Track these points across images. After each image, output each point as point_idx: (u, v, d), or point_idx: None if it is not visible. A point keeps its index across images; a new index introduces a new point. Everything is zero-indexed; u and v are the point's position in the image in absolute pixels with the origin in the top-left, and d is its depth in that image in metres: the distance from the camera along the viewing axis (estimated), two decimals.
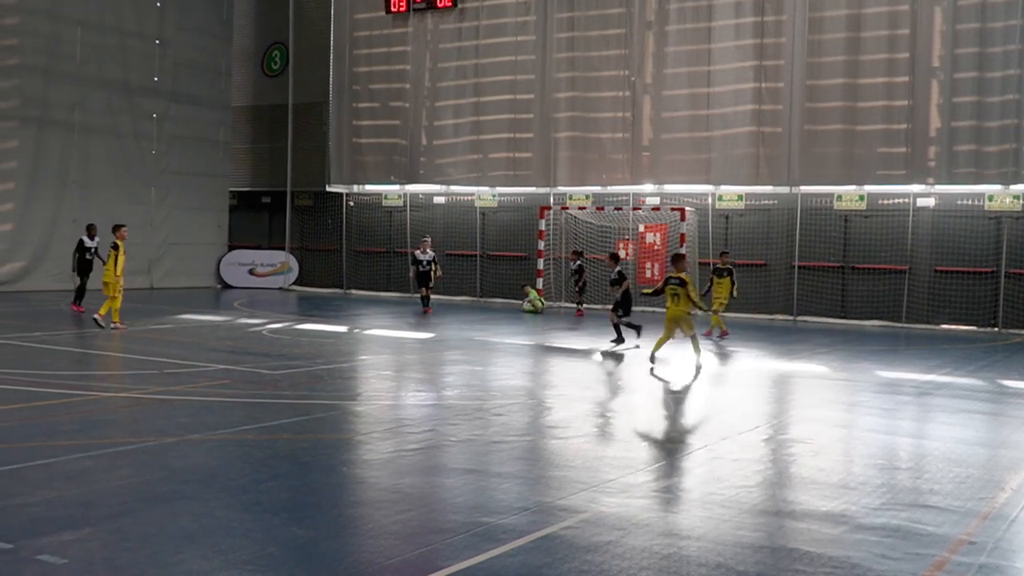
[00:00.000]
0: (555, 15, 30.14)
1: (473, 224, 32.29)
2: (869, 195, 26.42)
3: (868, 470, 9.10)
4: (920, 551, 6.62)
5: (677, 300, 15.80)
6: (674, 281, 15.91)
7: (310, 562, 6.13)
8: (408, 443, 9.92)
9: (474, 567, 6.10)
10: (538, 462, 9.28)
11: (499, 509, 7.44)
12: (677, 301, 15.80)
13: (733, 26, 27.54)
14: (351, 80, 34.23)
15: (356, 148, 34.21)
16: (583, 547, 6.56)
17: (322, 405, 11.73)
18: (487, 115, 31.58)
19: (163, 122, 32.78)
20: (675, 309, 15.87)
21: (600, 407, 12.60)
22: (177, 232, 33.19)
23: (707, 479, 8.61)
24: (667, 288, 15.96)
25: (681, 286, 15.77)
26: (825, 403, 13.24)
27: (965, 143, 24.92)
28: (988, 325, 24.89)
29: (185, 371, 14.32)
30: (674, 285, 15.84)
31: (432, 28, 32.62)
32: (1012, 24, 24.19)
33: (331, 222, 35.39)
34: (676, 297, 15.78)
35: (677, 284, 15.83)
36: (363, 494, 8.03)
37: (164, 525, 6.80)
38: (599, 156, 29.71)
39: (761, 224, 27.84)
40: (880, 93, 25.79)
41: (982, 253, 25.06)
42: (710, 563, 6.28)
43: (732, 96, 27.57)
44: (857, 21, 26.05)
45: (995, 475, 8.97)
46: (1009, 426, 11.69)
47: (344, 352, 17.35)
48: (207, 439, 9.67)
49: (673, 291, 15.82)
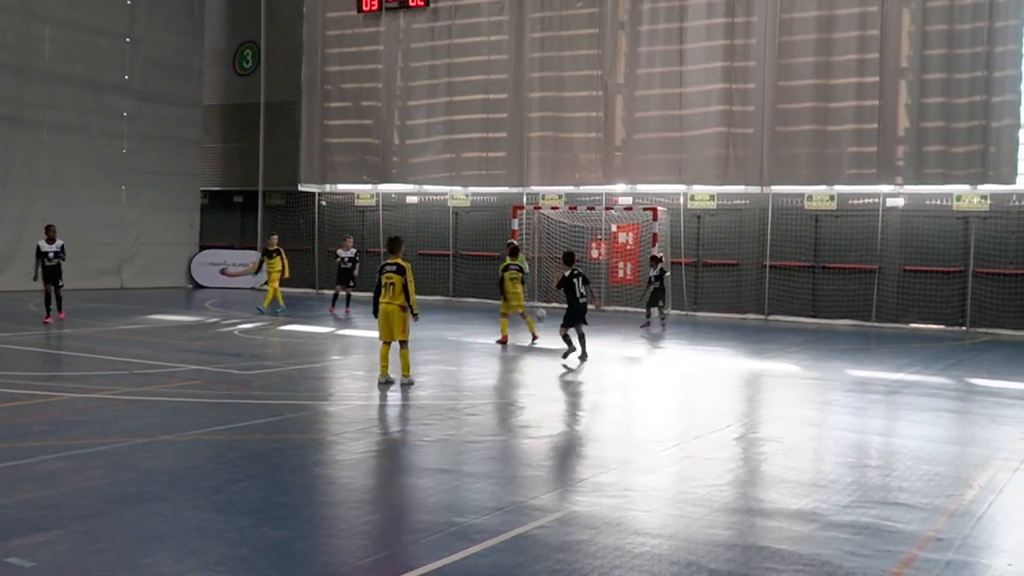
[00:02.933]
0: (528, 15, 30.15)
1: (446, 224, 32.25)
2: (839, 195, 26.61)
3: (838, 468, 9.18)
4: (889, 548, 6.68)
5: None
6: (390, 268, 13.44)
7: (282, 563, 6.11)
8: (380, 443, 9.90)
9: (447, 567, 6.10)
10: (510, 462, 9.29)
11: (472, 509, 7.44)
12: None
13: (705, 27, 27.65)
14: (323, 79, 34.10)
15: (328, 147, 34.08)
16: (555, 546, 6.57)
17: (294, 405, 11.68)
18: (460, 115, 31.55)
19: (134, 121, 32.53)
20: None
21: (572, 407, 12.63)
22: (148, 232, 32.94)
23: (679, 478, 8.65)
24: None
25: (398, 273, 13.33)
26: (796, 402, 13.33)
27: (933, 143, 25.15)
28: (956, 324, 25.13)
29: (155, 371, 14.22)
30: (391, 272, 13.39)
31: (404, 27, 32.56)
32: (979, 26, 24.42)
33: (303, 222, 35.23)
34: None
35: (394, 271, 13.37)
36: (335, 494, 8.01)
37: (134, 527, 6.75)
38: (572, 156, 29.75)
39: (733, 224, 27.98)
40: (850, 94, 25.97)
41: (950, 253, 25.30)
42: (682, 561, 6.31)
43: (704, 96, 27.69)
44: (827, 22, 26.22)
45: (963, 472, 9.07)
46: (976, 424, 11.82)
47: (316, 352, 17.29)
48: (178, 440, 9.61)
49: (388, 280, 13.39)
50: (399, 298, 13.19)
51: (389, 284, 13.24)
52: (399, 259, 13.47)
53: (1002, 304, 24.59)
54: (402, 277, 13.19)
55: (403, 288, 13.18)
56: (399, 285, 13.18)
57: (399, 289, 13.18)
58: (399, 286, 13.18)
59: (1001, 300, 24.60)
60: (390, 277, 13.26)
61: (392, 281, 13.22)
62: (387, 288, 13.26)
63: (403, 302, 13.22)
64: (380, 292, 13.35)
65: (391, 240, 14.01)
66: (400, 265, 13.30)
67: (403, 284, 13.19)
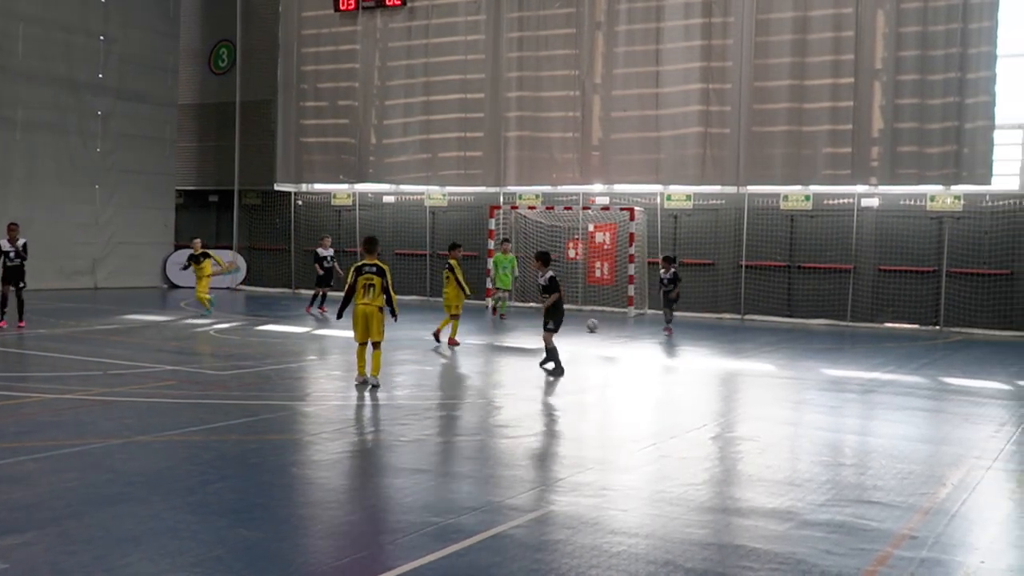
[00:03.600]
0: (505, 15, 30.16)
1: (423, 223, 32.22)
2: (814, 195, 26.77)
3: (814, 467, 9.24)
4: (864, 546, 6.73)
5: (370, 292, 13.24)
6: (370, 269, 13.19)
7: (259, 564, 6.09)
8: (358, 443, 9.88)
9: (424, 567, 6.10)
10: (488, 461, 9.30)
11: (449, 509, 7.44)
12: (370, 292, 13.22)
13: (682, 27, 27.74)
14: (299, 78, 33.98)
15: (304, 147, 33.97)
16: (533, 546, 6.59)
17: (271, 406, 11.64)
18: (437, 114, 31.52)
19: (109, 119, 32.31)
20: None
21: (550, 406, 12.65)
22: (122, 231, 32.73)
23: (656, 477, 8.69)
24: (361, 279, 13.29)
25: (379, 275, 13.14)
26: (772, 401, 13.41)
27: (907, 144, 25.34)
28: (930, 323, 25.34)
29: (131, 372, 14.13)
30: (371, 274, 13.14)
31: (381, 27, 32.49)
32: (952, 27, 24.63)
33: (280, 221, 35.12)
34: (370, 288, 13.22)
35: (374, 272, 13.15)
36: (312, 495, 7.99)
37: (109, 528, 6.72)
38: (549, 156, 29.78)
39: (709, 224, 28.09)
40: (825, 94, 26.13)
41: (924, 253, 25.51)
42: (659, 560, 6.34)
43: (681, 97, 27.79)
44: (803, 23, 26.37)
45: (936, 471, 9.15)
46: (950, 423, 11.92)
47: (293, 352, 17.23)
48: (153, 440, 9.56)
49: (368, 281, 13.12)
50: (379, 299, 13.04)
51: (369, 285, 13.03)
52: (376, 260, 13.33)
53: (975, 304, 24.82)
54: (382, 278, 13.06)
55: (383, 289, 13.05)
56: (379, 286, 13.03)
57: (379, 290, 13.03)
58: (379, 287, 13.03)
59: (974, 300, 24.83)
60: (370, 278, 13.05)
61: (372, 282, 13.04)
62: (367, 290, 13.03)
63: (383, 303, 13.08)
64: (354, 293, 13.13)
65: (368, 240, 13.69)
66: (380, 266, 13.17)
67: (383, 285, 13.05)
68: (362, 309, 13.04)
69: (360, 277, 13.08)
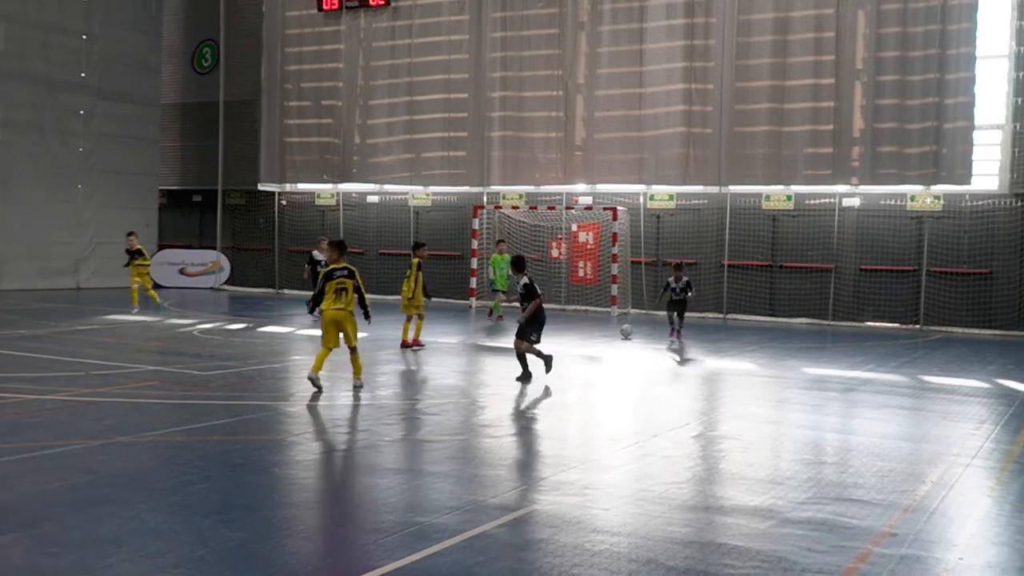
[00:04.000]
0: (489, 15, 30.18)
1: (407, 223, 32.21)
2: (796, 195, 26.89)
3: (795, 465, 9.29)
4: (845, 544, 6.78)
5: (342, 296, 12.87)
6: (341, 273, 12.87)
7: (241, 565, 6.09)
8: (341, 443, 9.88)
9: (407, 567, 6.11)
10: (471, 461, 9.31)
11: (432, 508, 7.46)
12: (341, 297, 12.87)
13: (664, 27, 27.82)
14: (283, 78, 33.92)
15: (288, 147, 33.91)
16: (516, 545, 6.61)
17: (253, 406, 11.62)
18: (421, 114, 31.52)
19: (90, 119, 32.16)
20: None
21: (532, 406, 12.67)
22: (105, 231, 32.55)
23: (638, 476, 8.72)
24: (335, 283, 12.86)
25: (350, 277, 12.87)
26: (754, 400, 13.47)
27: (888, 144, 25.49)
28: (910, 322, 25.50)
29: (113, 372, 14.08)
30: (342, 278, 12.83)
31: (365, 26, 32.46)
32: (932, 28, 24.79)
33: (263, 221, 35.05)
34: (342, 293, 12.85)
35: (346, 276, 12.86)
36: (295, 495, 7.99)
37: (90, 530, 6.70)
38: (532, 155, 29.82)
39: (691, 223, 28.19)
40: (806, 95, 26.26)
41: (905, 252, 25.67)
42: (641, 559, 6.37)
43: (663, 97, 27.87)
44: (784, 24, 26.48)
45: (916, 468, 9.22)
46: (930, 420, 12.01)
47: (276, 352, 17.20)
48: (135, 441, 9.54)
49: (340, 285, 12.80)
50: (352, 303, 12.82)
51: (341, 290, 12.72)
52: (345, 263, 13.01)
53: (955, 303, 25.00)
54: (354, 281, 12.80)
55: (355, 292, 12.80)
56: (351, 290, 12.77)
57: (351, 294, 12.77)
58: (350, 291, 12.77)
59: (954, 299, 25.01)
60: (342, 282, 12.74)
61: (345, 286, 12.73)
62: (339, 294, 12.71)
63: (353, 307, 12.85)
64: (323, 297, 12.80)
65: (336, 244, 13.28)
66: (351, 269, 12.89)
67: (355, 287, 12.80)
68: (333, 315, 12.72)
69: (331, 282, 12.75)
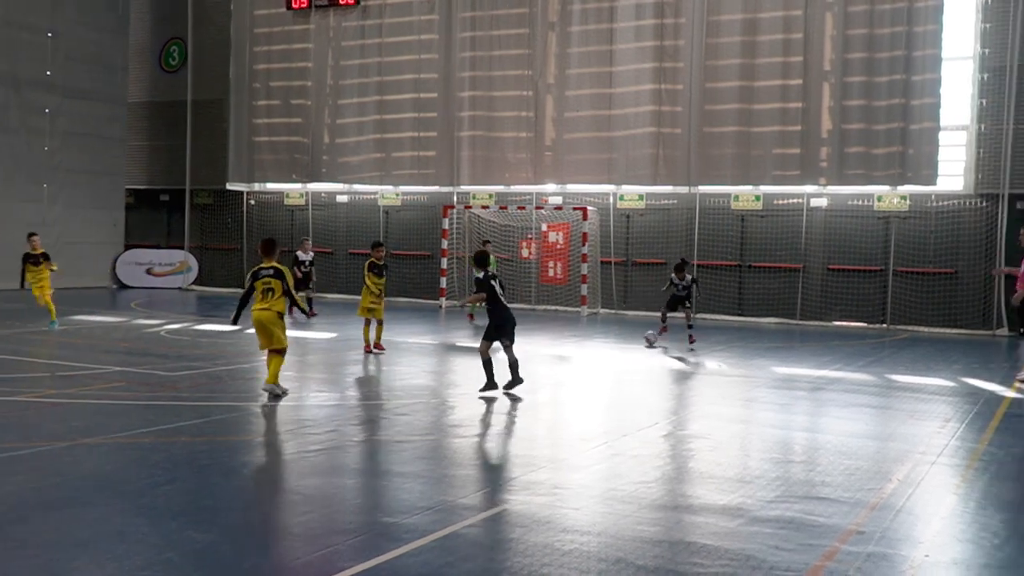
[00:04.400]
0: (459, 14, 30.16)
1: (376, 223, 32.12)
2: (764, 195, 27.07)
3: (763, 464, 9.35)
4: (812, 542, 6.83)
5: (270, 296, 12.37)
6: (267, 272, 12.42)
7: (209, 566, 6.05)
8: (310, 444, 9.83)
9: (376, 567, 6.09)
10: (441, 461, 9.30)
11: (402, 509, 7.44)
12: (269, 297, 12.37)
13: (634, 28, 27.92)
14: (251, 77, 33.73)
15: (257, 146, 33.72)
16: (485, 545, 6.61)
17: (222, 407, 11.55)
18: (390, 113, 31.45)
19: (56, 117, 31.83)
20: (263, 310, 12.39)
21: (502, 406, 12.66)
22: (71, 231, 32.21)
23: (608, 475, 8.74)
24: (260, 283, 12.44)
25: (277, 277, 12.40)
26: (722, 399, 13.54)
27: (855, 145, 25.71)
28: (877, 321, 25.73)
29: (79, 373, 13.94)
30: (268, 277, 12.38)
31: (334, 25, 32.35)
32: (898, 30, 25.03)
33: (232, 221, 34.83)
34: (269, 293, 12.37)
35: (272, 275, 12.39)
36: (264, 496, 7.95)
37: (57, 532, 6.63)
38: (502, 155, 29.83)
39: (661, 223, 28.29)
40: (775, 95, 26.44)
41: (872, 252, 25.90)
42: (610, 558, 6.38)
43: (633, 97, 27.96)
44: (753, 25, 26.65)
45: (883, 467, 9.30)
46: (896, 419, 12.11)
47: (245, 353, 17.10)
48: (102, 443, 9.45)
49: (266, 285, 12.38)
50: (279, 303, 12.31)
51: (268, 290, 12.29)
52: (275, 262, 12.49)
53: (921, 302, 25.25)
54: (282, 281, 12.31)
55: (284, 292, 12.32)
56: (279, 290, 12.30)
57: (279, 294, 12.30)
58: (279, 291, 12.30)
59: (920, 298, 25.26)
60: (268, 282, 12.29)
61: (271, 286, 12.29)
62: (265, 294, 12.29)
63: (282, 308, 12.35)
64: (248, 300, 12.45)
65: (266, 243, 12.63)
66: (278, 269, 12.39)
67: (284, 288, 12.31)
68: (259, 315, 12.27)
69: (257, 282, 12.36)
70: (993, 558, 6.65)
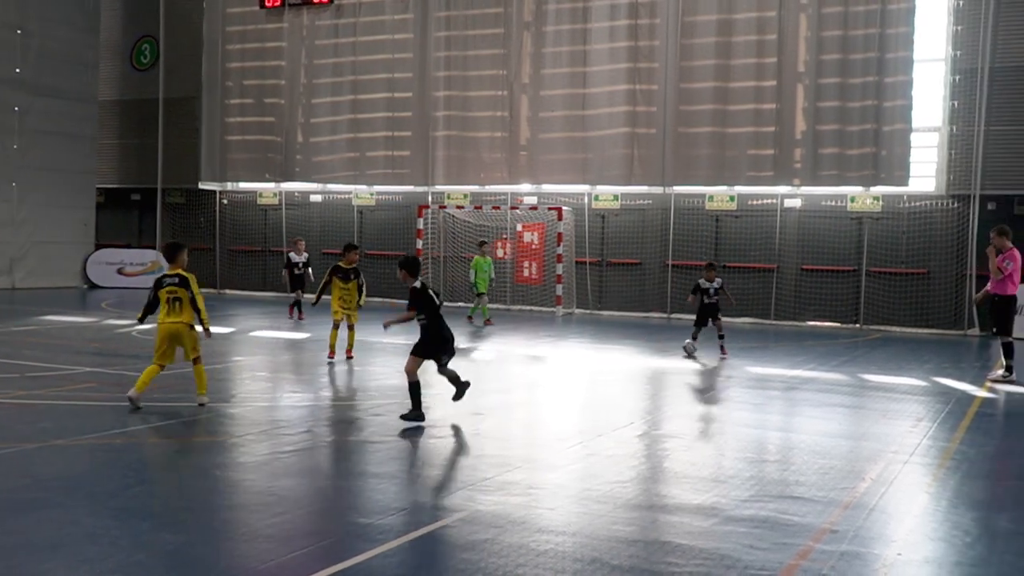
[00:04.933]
0: (433, 14, 30.10)
1: (351, 223, 32.01)
2: (739, 196, 27.18)
3: (738, 463, 9.37)
4: (786, 541, 6.85)
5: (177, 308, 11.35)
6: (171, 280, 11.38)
7: (181, 568, 5.99)
8: (283, 445, 9.77)
9: (350, 568, 6.05)
10: (415, 462, 9.27)
11: (376, 510, 7.40)
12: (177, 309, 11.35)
13: (608, 28, 27.97)
14: (224, 75, 33.53)
15: (229, 145, 33.52)
16: (460, 546, 6.58)
17: (193, 407, 11.45)
18: (365, 113, 31.35)
19: (25, 115, 31.49)
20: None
21: (477, 406, 12.64)
22: (41, 230, 31.92)
23: (583, 475, 8.74)
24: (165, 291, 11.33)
25: (182, 285, 11.35)
26: (697, 399, 13.57)
27: (828, 146, 25.87)
28: (850, 322, 25.90)
29: (49, 374, 13.80)
30: (173, 286, 11.34)
31: (308, 24, 32.21)
32: (871, 32, 25.20)
33: (204, 220, 34.61)
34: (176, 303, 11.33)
35: (177, 284, 11.35)
36: (237, 497, 7.89)
37: (26, 535, 6.55)
38: (477, 155, 29.81)
39: (636, 224, 28.36)
40: (749, 96, 26.55)
41: (845, 252, 26.07)
42: (585, 558, 6.37)
43: (608, 97, 28.01)
44: (727, 26, 26.75)
45: (856, 466, 9.34)
46: (869, 418, 12.18)
47: (217, 353, 16.97)
48: (72, 444, 9.35)
49: (172, 294, 11.31)
50: (187, 315, 11.28)
51: (174, 299, 11.22)
52: (180, 269, 11.42)
53: (893, 302, 25.44)
54: (187, 290, 11.25)
55: (191, 302, 11.26)
56: (186, 300, 11.25)
57: (186, 304, 11.25)
58: (186, 301, 11.25)
59: (892, 298, 25.45)
60: (173, 291, 11.25)
61: (177, 295, 11.24)
62: (172, 304, 11.23)
63: (191, 319, 11.32)
64: (153, 308, 11.40)
65: (168, 246, 11.63)
66: (183, 276, 11.30)
67: (190, 298, 11.26)
68: (168, 328, 11.29)
69: (161, 291, 11.33)
70: (965, 556, 6.69)
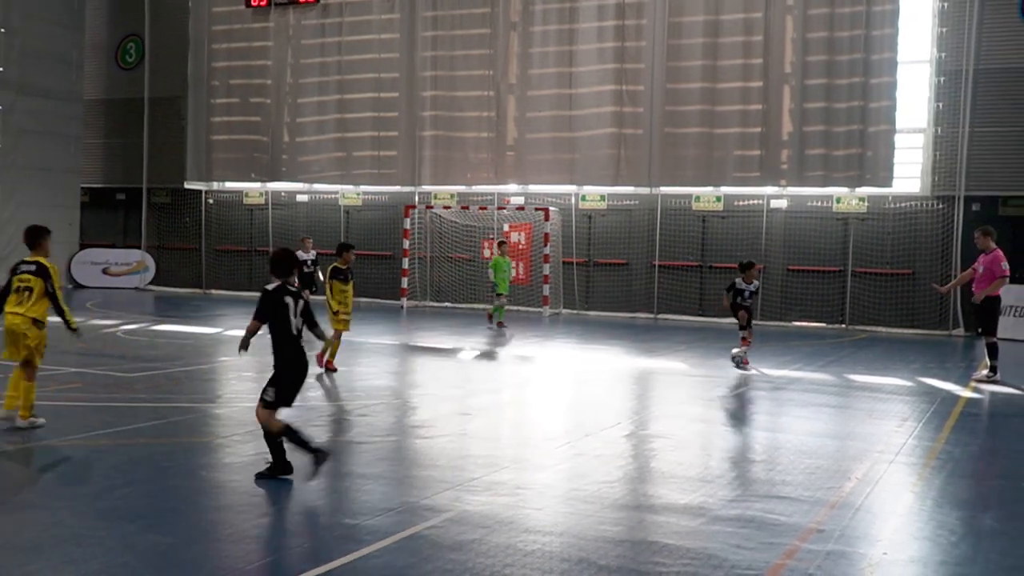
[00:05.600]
0: (420, 14, 30.06)
1: (337, 223, 31.94)
2: (725, 196, 27.24)
3: (724, 463, 9.40)
4: (773, 540, 6.86)
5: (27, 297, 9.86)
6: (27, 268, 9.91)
7: (167, 570, 5.97)
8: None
9: (337, 569, 6.04)
10: (402, 462, 9.26)
11: (363, 510, 7.39)
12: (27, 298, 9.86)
13: (596, 29, 27.99)
14: (210, 75, 33.40)
15: (215, 145, 33.40)
16: (447, 546, 6.57)
17: (180, 408, 11.42)
18: (351, 112, 31.29)
19: (9, 114, 31.30)
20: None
21: (465, 406, 12.64)
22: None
23: (570, 475, 8.74)
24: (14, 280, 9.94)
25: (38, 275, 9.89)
26: (684, 399, 13.60)
27: (815, 147, 25.94)
28: (836, 322, 25.99)
29: None
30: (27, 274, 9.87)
31: (294, 24, 32.13)
32: (857, 34, 25.29)
33: (190, 220, 34.48)
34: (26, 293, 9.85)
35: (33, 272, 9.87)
36: (223, 498, 7.86)
37: (11, 536, 6.52)
38: (464, 155, 29.78)
39: (623, 224, 28.39)
40: (736, 97, 26.61)
41: (831, 253, 26.15)
42: (573, 558, 6.38)
43: (595, 97, 28.02)
44: (714, 27, 26.80)
45: (842, 465, 9.37)
46: (855, 418, 12.23)
47: (203, 354, 16.93)
48: (57, 445, 9.30)
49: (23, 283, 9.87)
50: (35, 308, 9.78)
51: (24, 288, 9.77)
52: (41, 257, 9.96)
53: (879, 302, 25.54)
54: (43, 280, 9.80)
55: (44, 294, 9.81)
56: (38, 291, 9.77)
57: (37, 295, 9.77)
58: (38, 292, 9.77)
59: (878, 299, 25.55)
60: (27, 279, 9.78)
61: (29, 285, 9.77)
62: (20, 294, 9.77)
63: (39, 314, 9.84)
64: (6, 299, 9.90)
65: (31, 230, 10.11)
66: (41, 265, 9.86)
67: (44, 290, 9.80)
68: (10, 321, 9.81)
69: (14, 277, 9.91)
70: (950, 555, 6.72)
